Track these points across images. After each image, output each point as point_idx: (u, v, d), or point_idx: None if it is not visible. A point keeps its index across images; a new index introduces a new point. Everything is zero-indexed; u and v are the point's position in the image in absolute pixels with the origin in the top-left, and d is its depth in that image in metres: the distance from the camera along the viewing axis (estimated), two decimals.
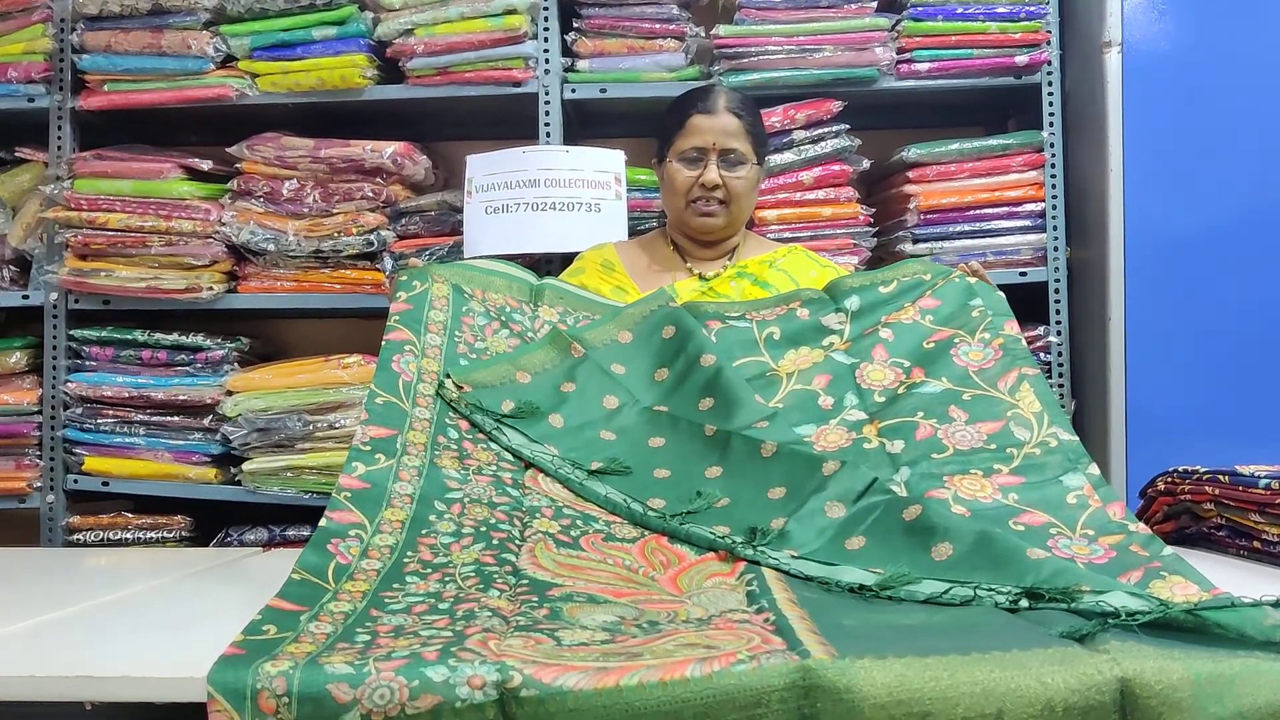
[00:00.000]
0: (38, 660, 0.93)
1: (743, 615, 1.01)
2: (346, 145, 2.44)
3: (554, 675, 0.82)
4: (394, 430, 1.32)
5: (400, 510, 1.21)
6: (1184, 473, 1.56)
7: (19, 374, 2.53)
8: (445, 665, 0.83)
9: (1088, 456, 1.33)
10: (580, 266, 2.01)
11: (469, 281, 1.58)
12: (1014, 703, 0.80)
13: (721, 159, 1.89)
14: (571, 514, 1.30)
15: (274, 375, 2.44)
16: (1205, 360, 2.32)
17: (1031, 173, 2.43)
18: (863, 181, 2.57)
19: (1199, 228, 2.33)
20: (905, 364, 1.50)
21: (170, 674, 0.87)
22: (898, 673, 0.81)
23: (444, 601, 1.02)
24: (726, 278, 1.91)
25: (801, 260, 1.97)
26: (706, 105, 1.91)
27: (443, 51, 2.43)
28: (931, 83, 2.43)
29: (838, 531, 1.20)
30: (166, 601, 1.24)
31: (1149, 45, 2.35)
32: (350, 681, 0.82)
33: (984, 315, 1.55)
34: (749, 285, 1.90)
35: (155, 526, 2.47)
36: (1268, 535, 1.37)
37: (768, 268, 1.92)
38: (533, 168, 2.32)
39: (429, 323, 1.49)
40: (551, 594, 1.07)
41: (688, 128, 1.91)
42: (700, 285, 1.90)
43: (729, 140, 1.89)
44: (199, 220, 2.44)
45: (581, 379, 1.48)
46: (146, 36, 2.45)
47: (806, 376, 1.49)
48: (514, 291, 1.61)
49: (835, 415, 1.43)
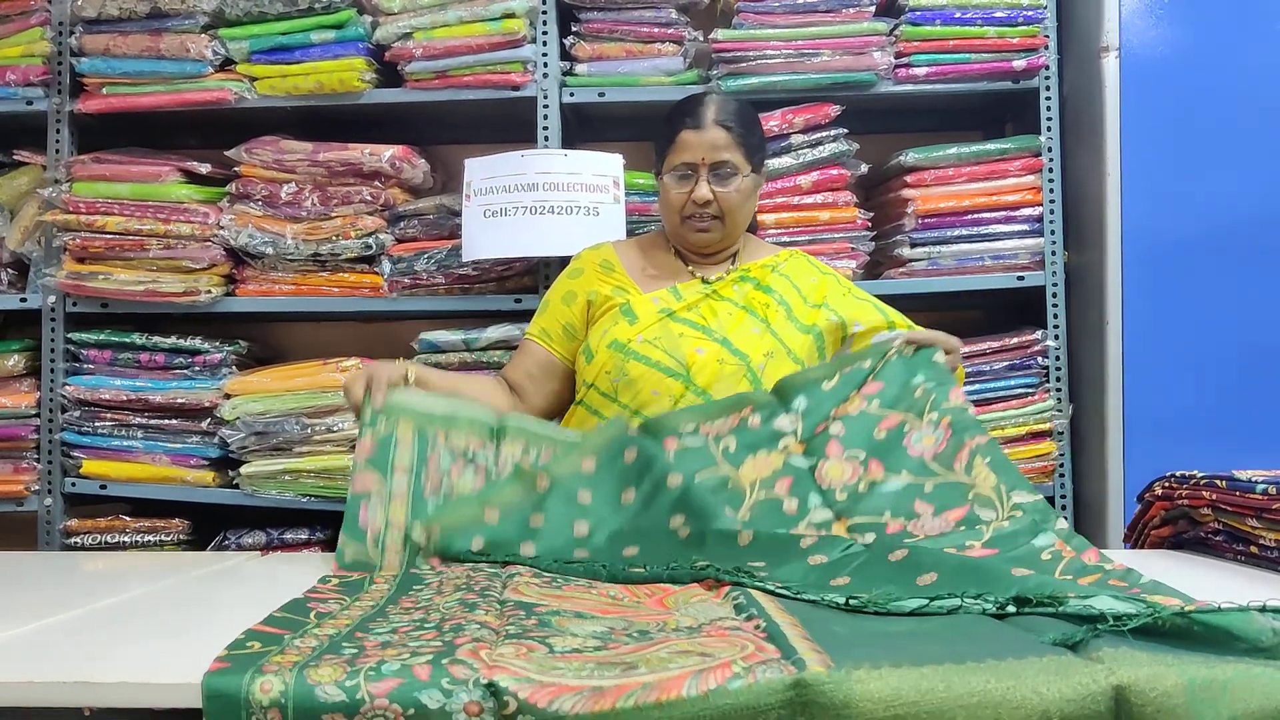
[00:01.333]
0: (36, 666, 0.93)
1: (734, 623, 1.01)
2: (345, 149, 2.44)
3: (549, 698, 0.82)
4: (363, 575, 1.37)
5: (381, 587, 1.27)
6: (1181, 478, 1.56)
7: (17, 377, 2.52)
8: (439, 689, 0.83)
9: (1054, 513, 1.35)
10: (578, 267, 1.98)
11: (430, 423, 1.57)
12: (1010, 713, 0.80)
13: (712, 173, 1.84)
14: (552, 573, 1.35)
15: (272, 378, 2.44)
16: (1203, 364, 2.33)
17: (1029, 177, 2.44)
18: (861, 186, 2.57)
19: (1196, 232, 2.34)
20: (861, 455, 1.51)
21: (169, 680, 0.87)
22: (893, 685, 0.81)
23: (429, 623, 1.03)
24: (730, 281, 1.90)
25: (802, 265, 1.96)
26: (695, 120, 1.85)
27: (441, 55, 2.43)
28: (929, 87, 2.44)
29: (822, 573, 1.23)
30: (165, 606, 1.24)
31: (1147, 50, 2.36)
32: (345, 711, 0.82)
33: (927, 394, 1.55)
34: (751, 289, 1.89)
35: (153, 530, 2.47)
36: (1264, 540, 1.37)
37: (769, 272, 1.91)
38: (531, 171, 2.32)
39: (395, 467, 1.50)
40: (539, 610, 1.08)
41: (677, 143, 1.86)
42: (704, 289, 1.89)
43: (718, 154, 1.84)
44: (197, 223, 2.44)
45: (550, 510, 1.48)
46: (145, 40, 2.45)
47: (768, 484, 1.50)
48: (476, 431, 1.59)
49: (802, 518, 1.45)
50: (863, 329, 1.86)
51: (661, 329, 1.82)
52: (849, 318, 1.87)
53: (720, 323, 1.84)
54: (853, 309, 1.89)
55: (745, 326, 1.83)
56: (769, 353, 1.80)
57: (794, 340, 1.83)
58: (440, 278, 2.45)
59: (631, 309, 1.86)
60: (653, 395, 1.77)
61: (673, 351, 1.79)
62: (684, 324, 1.84)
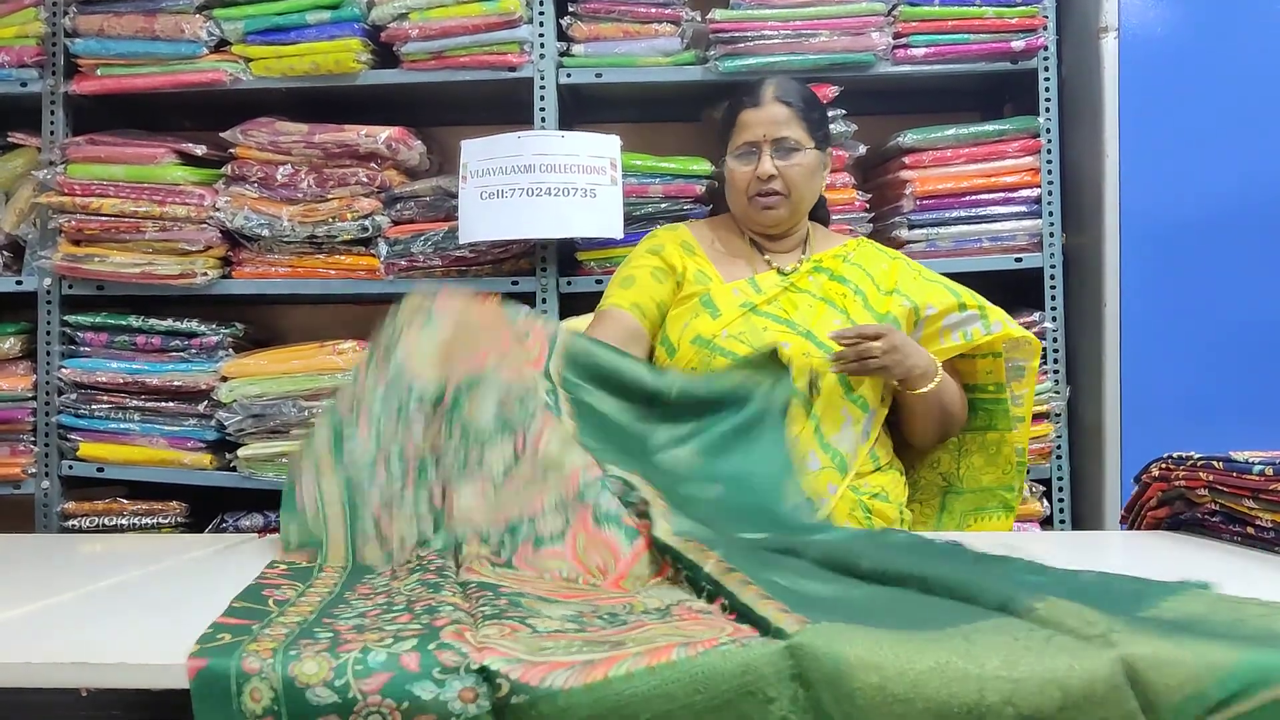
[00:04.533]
0: (33, 647, 0.93)
1: (700, 605, 1.01)
2: (341, 130, 2.43)
3: (541, 675, 0.81)
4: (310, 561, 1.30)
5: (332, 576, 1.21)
6: (1178, 459, 1.56)
7: (13, 360, 2.52)
8: (431, 679, 0.82)
9: None
10: (658, 244, 1.94)
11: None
12: (1023, 694, 0.79)
13: (775, 149, 1.85)
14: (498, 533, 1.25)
15: (269, 361, 2.43)
16: (1200, 346, 2.33)
17: (1027, 158, 2.43)
18: (859, 167, 2.57)
19: (1195, 214, 2.33)
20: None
21: (166, 660, 0.87)
22: (871, 643, 0.81)
23: (397, 605, 1.01)
24: (805, 272, 1.88)
25: (871, 252, 1.95)
26: (754, 99, 1.87)
27: (437, 36, 2.41)
28: (928, 68, 2.43)
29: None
30: (162, 588, 1.24)
31: (1146, 31, 2.35)
32: (340, 713, 0.82)
33: None
34: (826, 280, 1.87)
35: (150, 512, 2.47)
36: (1261, 521, 1.37)
37: (842, 262, 1.90)
38: (528, 153, 2.31)
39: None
40: (504, 590, 1.06)
41: (738, 124, 1.88)
42: (781, 281, 1.87)
43: (779, 129, 1.85)
44: (193, 205, 2.43)
45: None
46: (139, 20, 2.43)
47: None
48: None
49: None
50: (935, 311, 1.85)
51: (745, 323, 1.80)
52: (921, 302, 1.85)
53: (802, 315, 1.82)
54: (924, 292, 1.87)
55: (827, 318, 1.81)
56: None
57: None
58: (437, 260, 2.44)
59: (713, 300, 1.84)
60: None
61: (759, 346, 1.74)
62: (767, 318, 1.82)
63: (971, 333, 1.85)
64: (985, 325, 1.85)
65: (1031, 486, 2.37)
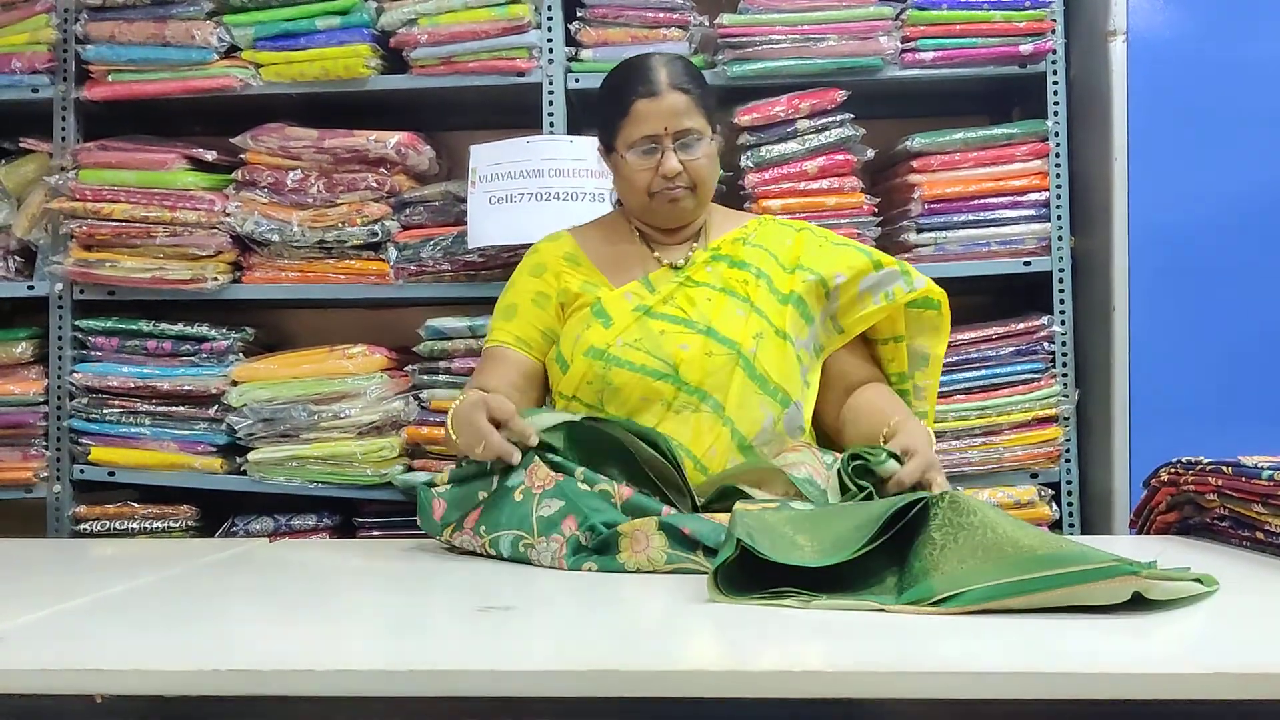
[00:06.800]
0: (47, 653, 0.94)
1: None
2: (350, 135, 2.44)
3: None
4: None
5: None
6: (1187, 463, 1.56)
7: (25, 364, 2.53)
8: None
9: None
10: (539, 263, 1.80)
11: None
12: None
13: (677, 142, 1.68)
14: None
15: (279, 365, 2.44)
16: (1209, 349, 2.32)
17: (1036, 162, 2.43)
18: (867, 171, 2.56)
19: (1203, 217, 2.33)
20: None
21: (182, 666, 0.88)
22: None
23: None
24: (701, 264, 1.75)
25: (774, 229, 1.82)
26: (648, 86, 1.67)
27: (446, 41, 2.42)
28: (936, 72, 2.43)
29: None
30: (175, 593, 1.25)
31: (1154, 34, 2.34)
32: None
33: None
34: (726, 268, 1.74)
35: (161, 516, 2.48)
36: (1270, 526, 1.37)
37: (742, 245, 1.77)
38: (536, 158, 2.32)
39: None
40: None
41: (632, 115, 1.68)
42: (676, 276, 1.73)
43: (680, 121, 1.67)
44: (203, 211, 2.44)
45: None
46: (150, 26, 2.45)
47: None
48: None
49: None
50: (845, 279, 1.72)
51: (640, 329, 1.67)
52: (828, 272, 1.72)
53: (701, 311, 1.69)
54: (830, 261, 1.74)
55: (728, 310, 1.69)
56: (758, 334, 1.67)
57: (778, 314, 1.70)
58: (446, 264, 2.45)
59: (604, 309, 1.70)
60: (642, 402, 1.65)
61: (656, 352, 1.65)
62: (663, 319, 1.69)
63: (894, 291, 1.71)
64: (908, 282, 1.72)
65: (1040, 490, 2.36)
